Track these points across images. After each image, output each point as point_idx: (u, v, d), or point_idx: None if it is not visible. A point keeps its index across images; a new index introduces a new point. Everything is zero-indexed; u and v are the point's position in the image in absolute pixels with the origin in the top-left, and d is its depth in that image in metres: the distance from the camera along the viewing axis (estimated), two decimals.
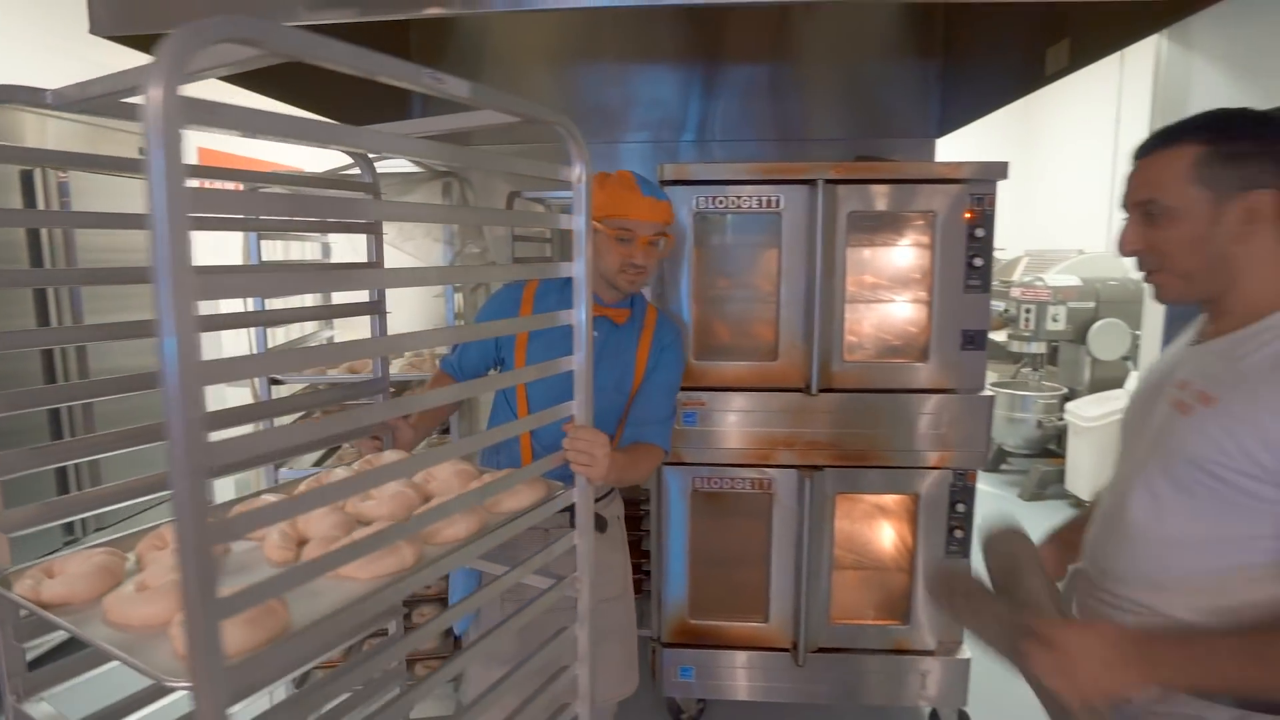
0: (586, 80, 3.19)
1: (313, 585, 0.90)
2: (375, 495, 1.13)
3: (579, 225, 1.04)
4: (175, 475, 0.58)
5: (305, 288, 0.83)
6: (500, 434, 1.08)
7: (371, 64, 0.75)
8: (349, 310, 1.35)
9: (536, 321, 1.08)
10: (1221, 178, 0.90)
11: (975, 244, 2.07)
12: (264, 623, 0.77)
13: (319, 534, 1.03)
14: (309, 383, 2.16)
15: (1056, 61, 2.04)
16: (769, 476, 2.17)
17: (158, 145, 0.54)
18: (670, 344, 1.66)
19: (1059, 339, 4.58)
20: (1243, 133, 0.91)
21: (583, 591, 1.16)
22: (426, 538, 1.05)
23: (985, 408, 2.12)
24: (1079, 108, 5.42)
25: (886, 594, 2.36)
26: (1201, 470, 0.91)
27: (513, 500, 1.14)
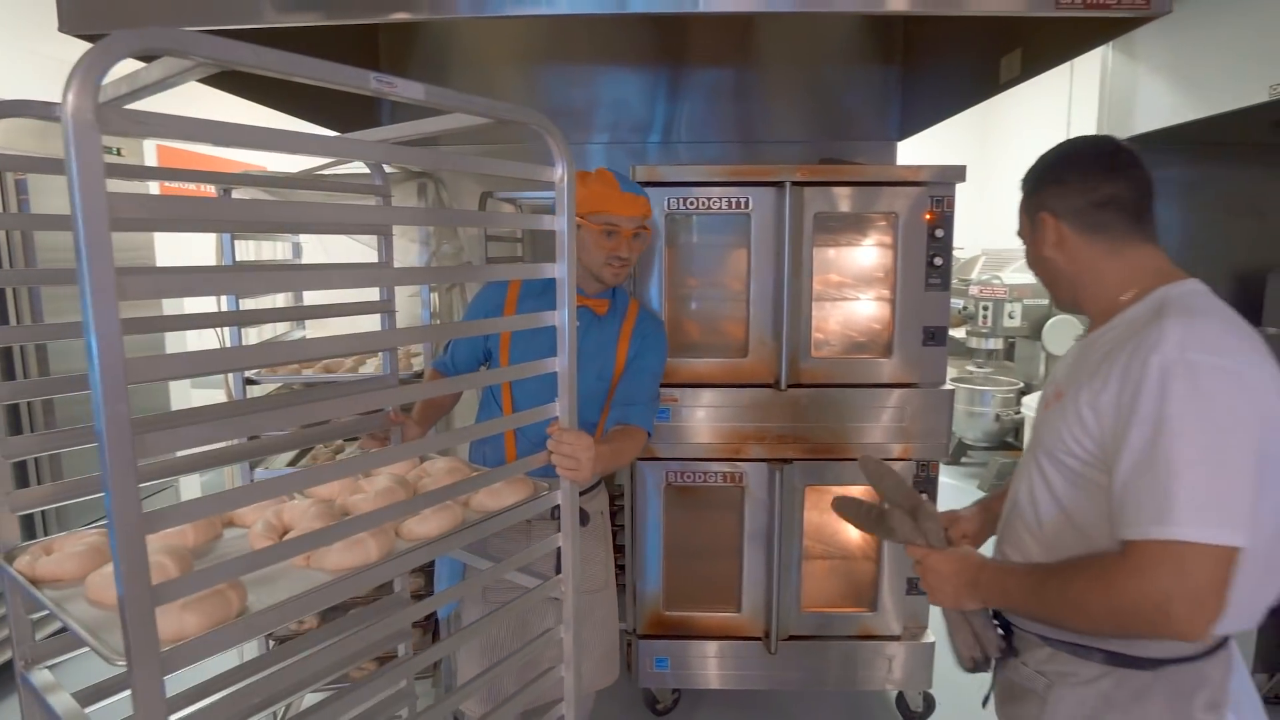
0: (553, 82, 3.22)
1: (284, 574, 0.94)
2: (367, 489, 1.16)
3: (562, 226, 1.06)
4: (106, 470, 0.59)
5: (318, 284, 0.86)
6: (484, 430, 1.11)
7: (314, 70, 0.75)
8: (355, 309, 1.35)
9: (523, 321, 1.11)
10: (1029, 208, 1.14)
11: (935, 244, 2.16)
12: (209, 609, 0.80)
13: (301, 525, 1.06)
14: (282, 382, 2.15)
15: (1010, 70, 2.13)
16: (740, 470, 2.23)
17: (73, 153, 0.56)
18: (652, 333, 1.71)
19: (1015, 335, 4.75)
20: (1034, 173, 1.14)
21: (567, 593, 1.18)
22: (402, 534, 1.08)
23: (946, 401, 2.21)
24: (1032, 113, 5.60)
25: (854, 582, 2.44)
26: (1052, 460, 1.04)
27: (495, 499, 1.17)
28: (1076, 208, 1.07)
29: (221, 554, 1.04)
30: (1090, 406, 0.97)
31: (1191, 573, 0.86)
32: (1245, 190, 3.35)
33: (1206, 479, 0.87)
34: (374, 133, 1.20)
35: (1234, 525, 0.86)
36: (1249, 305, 3.34)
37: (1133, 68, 3.20)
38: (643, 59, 3.20)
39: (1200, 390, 0.88)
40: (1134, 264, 1.05)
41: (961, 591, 1.11)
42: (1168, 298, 0.99)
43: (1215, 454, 0.87)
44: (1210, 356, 0.89)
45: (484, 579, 1.13)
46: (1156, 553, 0.88)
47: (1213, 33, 2.74)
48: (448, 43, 3.20)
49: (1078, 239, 1.07)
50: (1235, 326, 0.95)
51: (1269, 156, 3.30)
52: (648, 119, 3.25)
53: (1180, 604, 0.86)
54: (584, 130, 3.25)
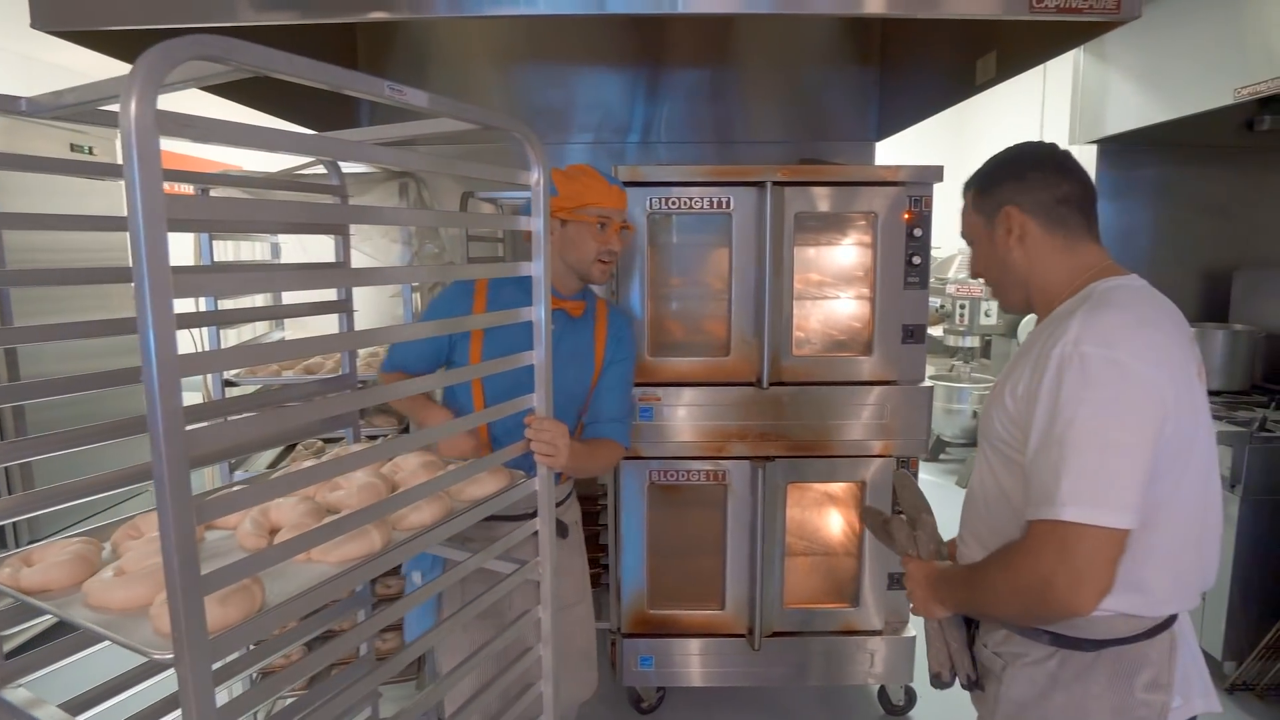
0: (532, 82, 3.21)
1: (285, 570, 0.95)
2: (345, 485, 1.16)
3: (537, 227, 1.10)
4: (157, 460, 0.62)
5: (281, 286, 0.86)
6: (464, 424, 1.12)
7: (335, 78, 0.78)
8: (314, 309, 1.36)
9: (496, 318, 1.12)
10: (985, 205, 1.16)
11: (914, 243, 2.19)
12: (239, 601, 0.82)
13: (290, 522, 1.05)
14: (262, 384, 2.13)
15: (985, 72, 2.17)
16: (723, 468, 2.25)
17: (137, 157, 0.58)
18: (625, 335, 1.69)
19: (992, 333, 4.82)
20: (992, 170, 1.16)
21: (544, 575, 1.21)
22: (394, 524, 1.09)
23: (925, 398, 2.24)
24: (1007, 116, 5.70)
25: (836, 578, 2.46)
26: (991, 446, 1.11)
27: (476, 488, 1.19)
28: (1040, 201, 1.10)
29: (211, 555, 1.03)
30: (1012, 395, 1.04)
31: (1072, 551, 0.92)
32: (1213, 191, 3.44)
33: (1090, 463, 0.92)
34: (356, 133, 1.20)
35: (1114, 507, 0.91)
36: (1216, 303, 3.44)
37: (1103, 70, 3.27)
38: (622, 60, 3.20)
39: (1088, 380, 0.93)
40: (1082, 261, 1.11)
41: (929, 598, 1.18)
42: (1094, 292, 1.05)
43: (1099, 439, 0.92)
44: (1100, 349, 0.94)
45: (465, 569, 1.13)
46: (1044, 532, 0.94)
47: (1180, 37, 2.81)
48: (426, 42, 3.18)
49: (1039, 233, 1.11)
50: (1142, 320, 0.99)
51: (1236, 158, 3.39)
52: (627, 119, 3.26)
53: (1062, 580, 0.92)
54: (564, 130, 3.25)
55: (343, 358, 1.35)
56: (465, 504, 1.15)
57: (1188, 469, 0.99)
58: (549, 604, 1.23)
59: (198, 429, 0.68)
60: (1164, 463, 0.95)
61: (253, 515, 1.08)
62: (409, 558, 1.02)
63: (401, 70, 3.16)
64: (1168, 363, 0.96)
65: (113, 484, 1.06)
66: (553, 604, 1.23)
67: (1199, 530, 1.02)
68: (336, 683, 1.35)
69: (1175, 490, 0.98)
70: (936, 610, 1.17)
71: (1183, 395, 0.97)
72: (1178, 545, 1.01)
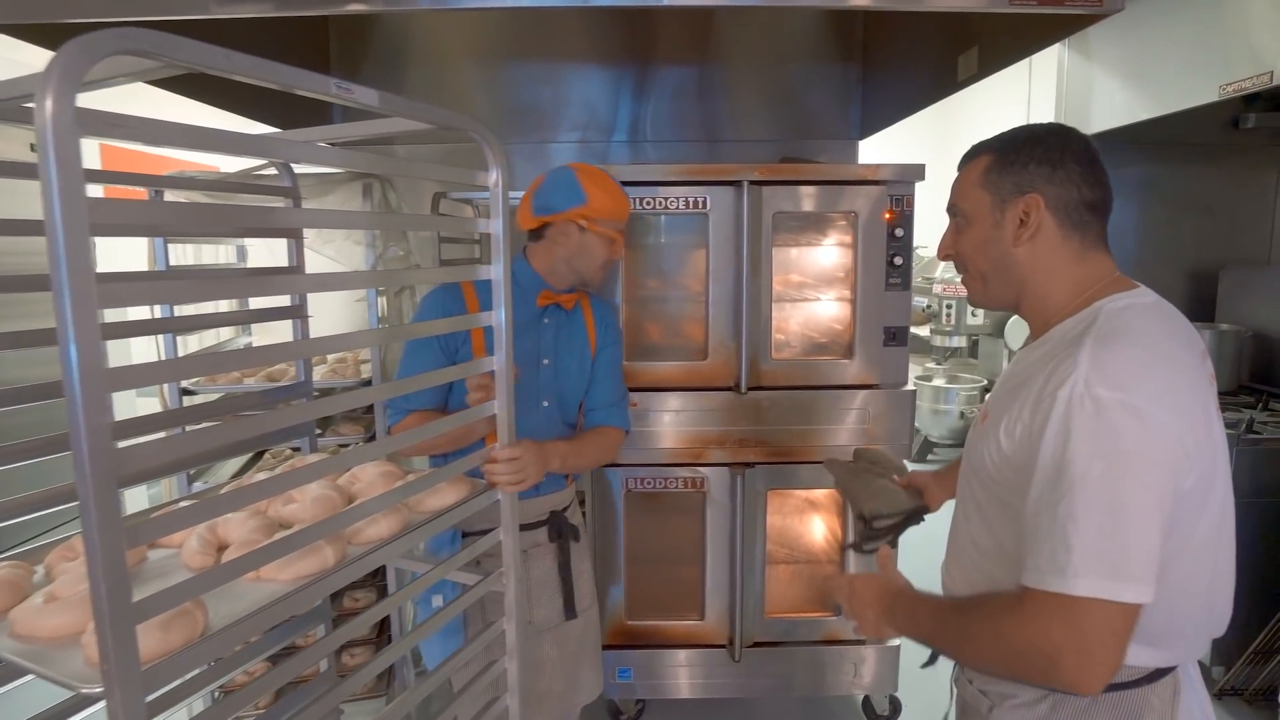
0: (515, 81, 3.15)
1: (234, 589, 0.90)
2: (298, 498, 1.10)
3: (496, 229, 1.05)
4: (82, 480, 0.58)
5: (212, 294, 0.80)
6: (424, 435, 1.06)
7: (277, 75, 0.73)
8: (267, 315, 1.30)
9: (452, 324, 1.07)
10: (1001, 183, 0.99)
11: (895, 243, 2.14)
12: (180, 627, 0.77)
13: (239, 539, 1.00)
14: (225, 392, 2.06)
15: (967, 68, 2.12)
16: (701, 475, 2.19)
17: (52, 157, 0.54)
18: (610, 320, 1.71)
19: (978, 333, 4.79)
20: (1021, 145, 0.98)
21: (509, 586, 1.16)
22: (349, 538, 1.04)
23: (908, 402, 2.19)
24: (992, 114, 5.67)
25: (818, 587, 2.41)
26: (980, 481, 1.00)
27: (436, 499, 1.13)
28: (1068, 199, 0.96)
29: (155, 575, 0.98)
30: (1008, 435, 0.93)
31: (1083, 628, 0.81)
32: (1199, 189, 3.42)
33: (1104, 528, 0.81)
34: (309, 132, 1.14)
35: (1132, 579, 0.80)
36: (1202, 302, 3.41)
37: (1088, 68, 3.23)
38: (606, 58, 3.15)
39: (1102, 429, 0.82)
40: (1091, 272, 0.98)
41: (881, 618, 1.06)
42: (1100, 314, 0.92)
43: (1115, 501, 0.81)
44: (1115, 393, 0.82)
45: (428, 581, 1.08)
46: (1049, 604, 0.83)
47: (1165, 34, 2.78)
48: (404, 40, 3.11)
49: (1056, 234, 0.97)
50: (1159, 355, 0.87)
51: (1221, 156, 3.36)
52: (611, 118, 3.21)
53: (1070, 658, 0.81)
54: (548, 130, 3.19)
55: (297, 366, 1.28)
56: (425, 515, 1.10)
57: (1202, 519, 0.89)
58: (514, 616, 1.19)
59: (130, 446, 0.63)
60: (1179, 516, 0.85)
61: (199, 532, 1.02)
62: (364, 573, 0.97)
63: (377, 69, 3.09)
64: (1188, 404, 0.86)
65: (39, 504, 0.99)
66: (518, 616, 1.18)
67: (1208, 578, 0.92)
68: (292, 701, 1.29)
69: (1186, 543, 0.88)
70: (887, 633, 1.06)
71: (1202, 439, 0.86)
72: (1184, 596, 0.90)
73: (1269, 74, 2.23)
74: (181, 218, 0.88)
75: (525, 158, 3.20)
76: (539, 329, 1.58)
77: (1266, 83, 2.23)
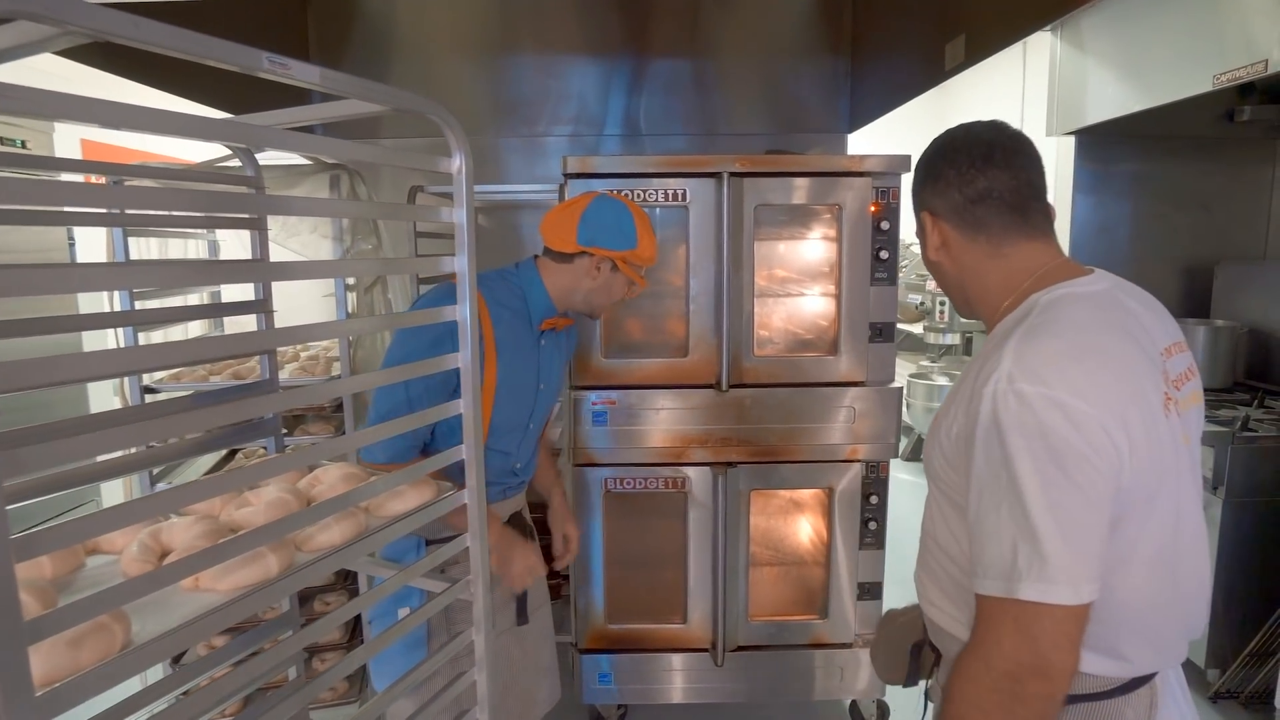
0: (505, 74, 3.10)
1: (170, 600, 0.84)
2: (254, 502, 1.04)
3: (461, 219, 0.99)
4: None
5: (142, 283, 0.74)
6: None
7: (197, 46, 0.67)
8: (227, 310, 1.24)
9: (413, 318, 1.02)
10: (916, 203, 1.04)
11: (881, 237, 2.08)
12: (94, 643, 0.71)
13: (183, 544, 0.94)
14: (194, 389, 2.00)
15: (954, 57, 2.07)
16: (682, 475, 2.14)
17: None
18: (574, 333, 1.71)
19: (973, 330, 4.73)
20: (919, 164, 1.04)
21: (478, 594, 1.10)
22: (300, 544, 0.97)
23: (895, 400, 2.13)
24: (986, 108, 5.62)
25: (804, 589, 2.36)
26: (935, 484, 0.97)
27: (398, 503, 1.07)
28: (954, 204, 0.96)
29: (89, 584, 0.92)
30: (947, 435, 0.90)
31: (1033, 633, 0.79)
32: (1194, 184, 3.36)
33: (1040, 530, 0.78)
34: (268, 116, 1.08)
35: (1070, 581, 0.78)
36: (1197, 298, 3.36)
37: (1081, 60, 3.18)
38: (597, 51, 3.11)
39: (1027, 425, 0.79)
40: (1016, 265, 0.95)
41: None
42: (1034, 307, 0.89)
43: (1046, 499, 0.78)
44: (1037, 386, 0.79)
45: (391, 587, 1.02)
46: (994, 611, 0.81)
47: (1158, 25, 2.72)
48: (387, 31, 3.06)
49: (960, 239, 0.98)
50: (1084, 347, 0.83)
51: (1216, 150, 3.31)
52: (603, 112, 3.16)
53: (1028, 671, 0.79)
54: (540, 123, 3.15)
55: (261, 362, 1.22)
56: (384, 520, 1.04)
57: (1151, 519, 0.85)
58: (483, 625, 1.13)
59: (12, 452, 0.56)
60: (1121, 515, 0.82)
61: (142, 537, 0.96)
62: (312, 581, 0.91)
63: (360, 61, 3.03)
64: (1120, 397, 0.81)
65: None
66: (486, 625, 1.12)
67: (1172, 584, 0.88)
68: (256, 710, 1.24)
69: (1135, 546, 0.84)
70: None
71: (1143, 435, 0.81)
72: (1148, 605, 0.86)
73: (1264, 62, 2.17)
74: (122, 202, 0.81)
75: (516, 151, 3.15)
76: (537, 351, 1.53)
77: (1261, 71, 2.18)
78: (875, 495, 2.18)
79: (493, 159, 3.13)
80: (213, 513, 1.06)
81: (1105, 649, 0.85)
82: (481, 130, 3.09)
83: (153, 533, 0.97)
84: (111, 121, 0.65)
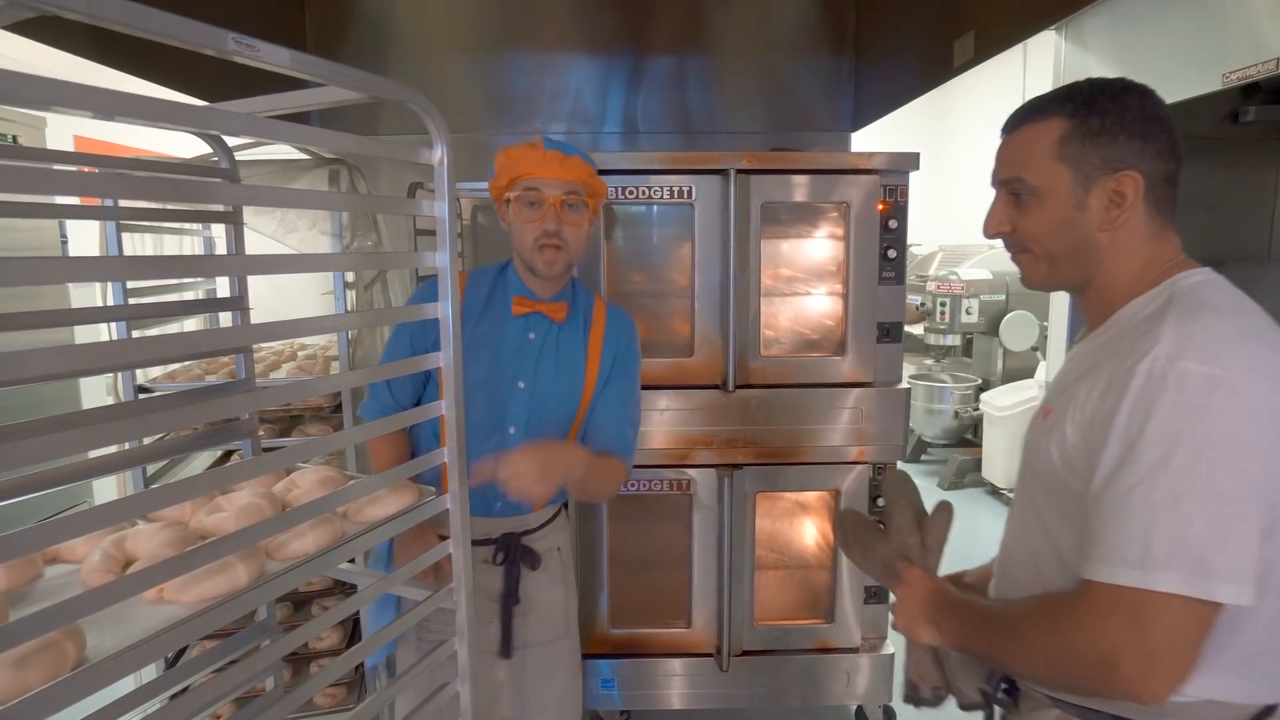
0: (502, 70, 3.06)
1: (131, 613, 0.79)
2: (226, 507, 1.00)
3: (441, 212, 0.94)
4: None
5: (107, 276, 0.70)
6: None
7: (156, 23, 0.62)
8: (203, 306, 1.21)
9: (393, 314, 0.97)
10: (1086, 156, 0.85)
11: (889, 235, 2.05)
12: (41, 662, 0.66)
13: (148, 553, 0.89)
14: (185, 389, 1.95)
15: (963, 53, 2.04)
16: (687, 477, 2.10)
17: None
18: (628, 345, 1.45)
19: (973, 331, 4.71)
20: (1107, 108, 0.85)
21: (460, 602, 1.06)
22: (272, 552, 0.93)
23: (902, 400, 2.10)
24: (986, 108, 5.60)
25: (810, 593, 2.32)
26: (1042, 489, 0.89)
27: (376, 508, 1.03)
28: (1157, 176, 0.85)
29: (46, 596, 0.87)
30: (1074, 424, 0.82)
31: (1149, 627, 0.71)
32: (1197, 185, 3.30)
33: (1192, 517, 0.71)
34: (234, 105, 1.04)
35: (1226, 577, 0.70)
36: None
37: (1085, 59, 3.16)
38: (595, 47, 3.07)
39: (1188, 407, 0.72)
40: (1163, 250, 0.88)
41: (921, 617, 0.97)
42: (1176, 290, 0.82)
43: (1203, 486, 0.71)
44: (1206, 365, 0.72)
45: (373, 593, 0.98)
46: (1109, 597, 0.74)
47: (1164, 23, 2.70)
48: (385, 26, 3.02)
49: (1143, 213, 0.86)
50: (1253, 330, 0.77)
51: (1220, 151, 3.28)
52: (601, 110, 3.13)
53: (1130, 660, 0.72)
54: (536, 121, 3.11)
55: (237, 361, 1.18)
56: (362, 527, 1.00)
57: None
58: (465, 635, 1.08)
59: None
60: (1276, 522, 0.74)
61: (105, 545, 0.92)
62: (285, 590, 0.86)
63: (357, 57, 2.99)
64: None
65: None
66: (470, 635, 1.08)
67: None
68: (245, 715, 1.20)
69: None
70: (924, 635, 0.96)
71: None
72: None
73: (1275, 60, 2.15)
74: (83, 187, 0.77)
75: None
76: (522, 344, 1.37)
77: (1272, 70, 2.16)
78: (879, 497, 2.14)
79: (489, 156, 3.09)
80: (183, 518, 1.02)
81: (1236, 666, 0.77)
82: (479, 127, 3.06)
83: (117, 540, 0.92)
84: (67, 102, 0.60)
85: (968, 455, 4.65)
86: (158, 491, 0.71)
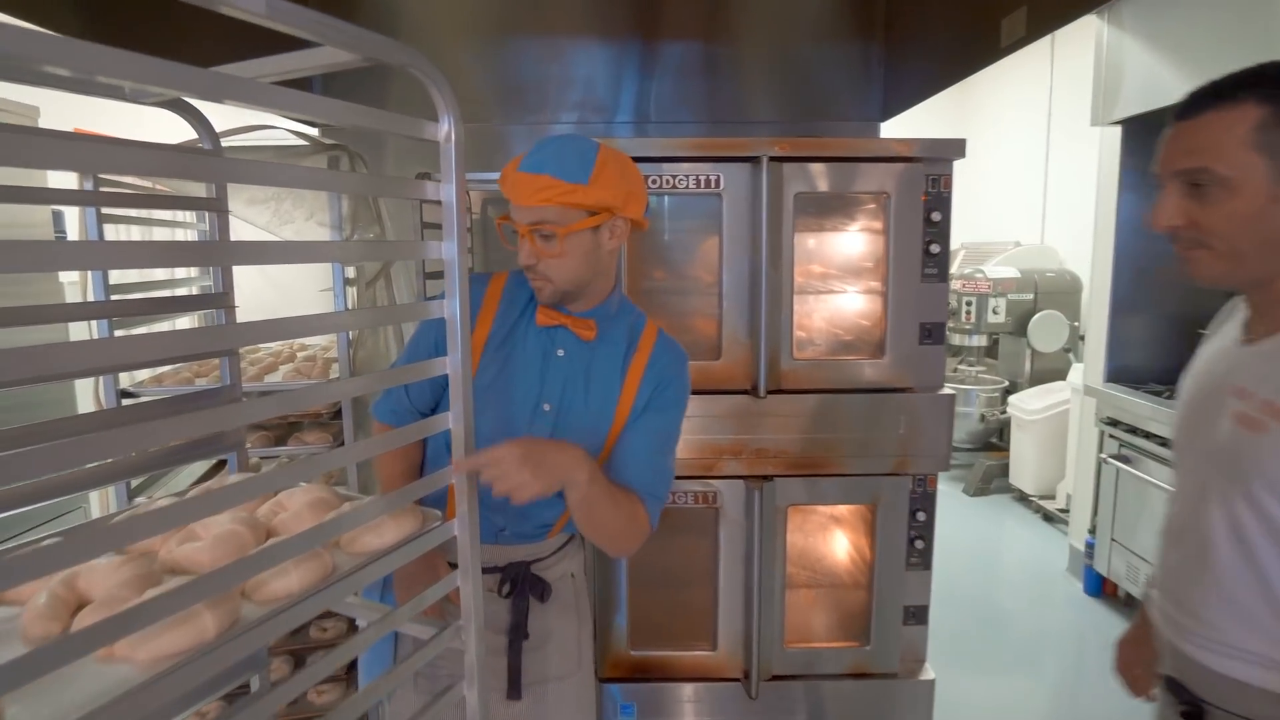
0: (512, 58, 2.92)
1: (77, 674, 0.64)
2: (201, 535, 0.86)
3: (448, 196, 0.79)
4: None
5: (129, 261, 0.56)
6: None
7: None
8: (185, 304, 1.07)
9: (394, 313, 0.83)
10: None
11: (931, 229, 1.90)
12: None
13: (104, 594, 0.75)
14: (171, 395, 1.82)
15: (1013, 31, 1.88)
16: (713, 489, 1.95)
17: None
18: (673, 379, 1.27)
19: (999, 331, 4.54)
20: None
21: (469, 643, 0.92)
22: (249, 593, 0.79)
23: (946, 406, 1.95)
24: (1013, 100, 5.43)
25: (845, 613, 2.17)
26: (1270, 490, 0.77)
27: (373, 537, 0.88)
28: None
29: None
30: None
31: None
32: None
33: None
34: (238, 67, 0.90)
35: None
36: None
37: (1126, 43, 2.99)
38: (608, 33, 2.93)
39: None
40: None
41: None
42: None
43: None
44: None
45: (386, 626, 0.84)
46: None
47: (1208, 4, 2.55)
48: (391, 12, 2.88)
49: None
50: None
51: None
52: (615, 98, 2.98)
53: None
54: (549, 109, 2.97)
55: (221, 365, 1.04)
56: (357, 559, 0.85)
57: None
58: (475, 679, 0.94)
59: None
60: None
61: (53, 586, 0.77)
62: (263, 643, 0.72)
63: None
64: None
65: None
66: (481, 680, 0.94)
67: None
68: None
69: None
70: None
71: None
72: None
73: None
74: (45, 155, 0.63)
75: (524, 140, 2.98)
76: (548, 360, 1.24)
77: None
78: (923, 511, 1.99)
79: (500, 147, 2.96)
80: (152, 548, 0.87)
81: None
82: (488, 117, 2.93)
83: (68, 579, 0.78)
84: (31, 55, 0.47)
85: (994, 460, 4.48)
86: (115, 528, 0.57)
